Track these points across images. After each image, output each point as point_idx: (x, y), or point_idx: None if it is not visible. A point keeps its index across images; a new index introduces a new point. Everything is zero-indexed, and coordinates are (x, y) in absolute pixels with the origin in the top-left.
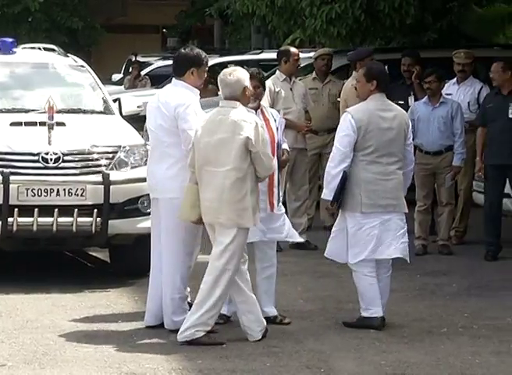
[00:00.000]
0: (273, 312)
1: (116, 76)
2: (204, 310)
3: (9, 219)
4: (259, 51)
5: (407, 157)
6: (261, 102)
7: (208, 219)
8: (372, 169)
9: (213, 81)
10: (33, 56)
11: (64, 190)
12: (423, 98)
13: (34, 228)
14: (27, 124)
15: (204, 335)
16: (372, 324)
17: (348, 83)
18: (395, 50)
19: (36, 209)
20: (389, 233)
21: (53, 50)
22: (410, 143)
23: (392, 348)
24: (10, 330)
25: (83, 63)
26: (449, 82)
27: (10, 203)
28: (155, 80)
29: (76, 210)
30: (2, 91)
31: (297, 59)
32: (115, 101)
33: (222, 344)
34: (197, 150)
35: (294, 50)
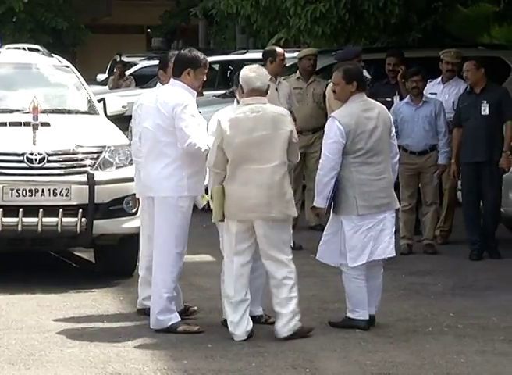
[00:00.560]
0: (259, 311)
1: (101, 77)
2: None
3: None
4: (244, 51)
5: (392, 150)
6: None
7: (257, 216)
8: (365, 170)
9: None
10: (17, 56)
11: (49, 190)
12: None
13: (19, 228)
14: (12, 124)
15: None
16: (358, 325)
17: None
18: (379, 50)
19: (21, 209)
20: (385, 232)
21: (37, 50)
22: (394, 135)
23: (378, 347)
24: None
25: (67, 63)
26: (434, 81)
27: None
28: (140, 80)
29: (60, 210)
30: None
31: (283, 59)
32: (99, 101)
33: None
34: (229, 149)
35: (280, 50)
